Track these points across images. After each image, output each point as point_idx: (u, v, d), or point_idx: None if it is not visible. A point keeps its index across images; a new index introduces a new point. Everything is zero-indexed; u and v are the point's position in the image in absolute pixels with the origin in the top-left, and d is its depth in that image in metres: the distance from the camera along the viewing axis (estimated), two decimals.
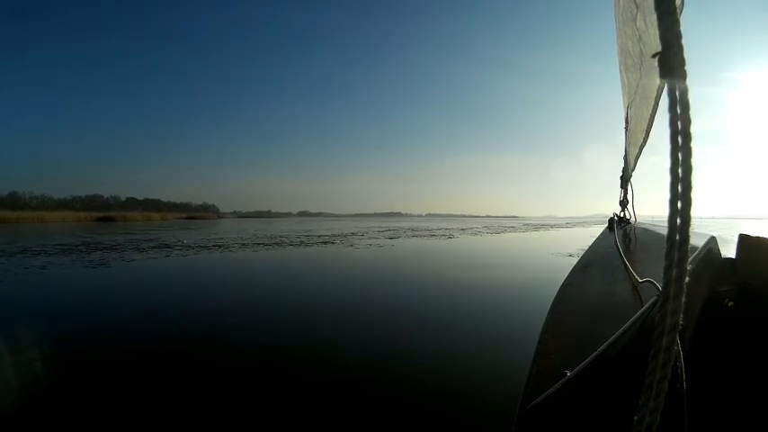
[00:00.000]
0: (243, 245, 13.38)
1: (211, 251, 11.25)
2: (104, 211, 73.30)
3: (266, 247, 12.75)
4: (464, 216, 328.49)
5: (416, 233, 22.63)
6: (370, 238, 17.80)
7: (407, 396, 2.44)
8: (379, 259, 10.08)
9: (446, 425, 2.13)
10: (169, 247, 12.16)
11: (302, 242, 14.75)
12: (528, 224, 44.17)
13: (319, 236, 18.90)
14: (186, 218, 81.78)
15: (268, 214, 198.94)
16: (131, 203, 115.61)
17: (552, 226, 38.30)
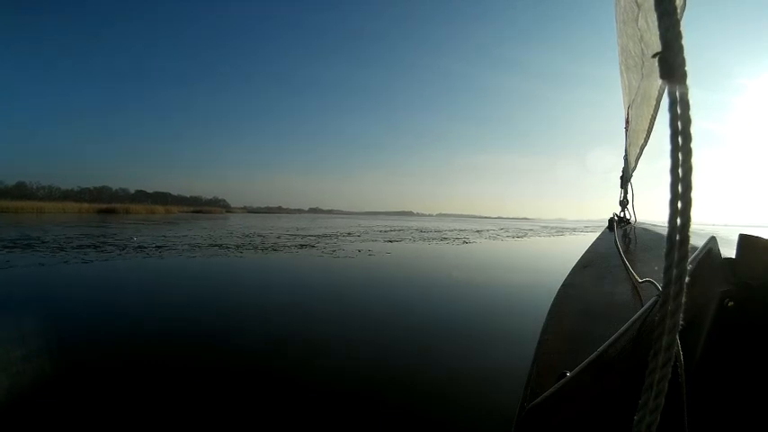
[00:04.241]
0: (194, 246, 10.60)
1: (138, 255, 8.48)
2: (111, 203, 71.95)
3: (222, 250, 9.95)
4: (474, 217, 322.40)
5: (424, 235, 19.57)
6: (365, 240, 14.87)
7: None
8: (353, 278, 7.18)
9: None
10: (95, 248, 9.48)
11: (274, 244, 11.91)
12: (545, 227, 40.85)
13: (305, 236, 16.07)
14: (193, 212, 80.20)
15: (278, 210, 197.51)
16: (140, 196, 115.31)
17: (573, 230, 34.93)
